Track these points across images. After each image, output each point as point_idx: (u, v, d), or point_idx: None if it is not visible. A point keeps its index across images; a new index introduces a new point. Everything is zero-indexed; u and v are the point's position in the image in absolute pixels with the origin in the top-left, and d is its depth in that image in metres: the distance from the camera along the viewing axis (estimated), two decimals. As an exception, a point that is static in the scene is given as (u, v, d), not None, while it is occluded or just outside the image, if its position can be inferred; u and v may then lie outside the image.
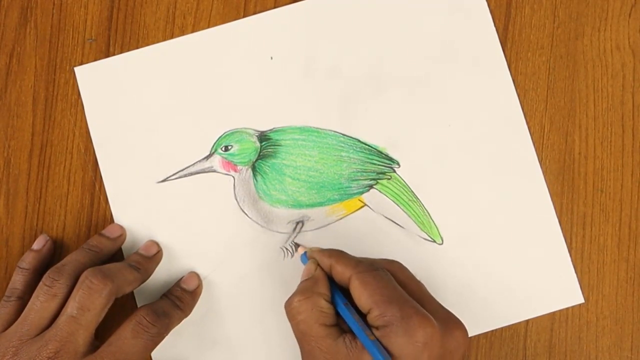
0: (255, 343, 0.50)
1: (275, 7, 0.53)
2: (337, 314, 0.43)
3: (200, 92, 0.52)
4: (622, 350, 0.51)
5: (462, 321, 0.43)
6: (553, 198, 0.51)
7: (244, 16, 0.53)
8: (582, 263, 0.51)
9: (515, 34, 0.53)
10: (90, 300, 0.44)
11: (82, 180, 0.52)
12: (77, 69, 0.53)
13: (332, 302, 0.43)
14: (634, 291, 0.51)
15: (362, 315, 0.42)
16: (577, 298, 0.51)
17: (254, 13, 0.53)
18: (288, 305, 0.43)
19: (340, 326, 0.43)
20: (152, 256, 0.50)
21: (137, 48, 0.53)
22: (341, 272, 0.43)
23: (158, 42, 0.53)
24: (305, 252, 0.47)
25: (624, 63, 0.53)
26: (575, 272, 0.51)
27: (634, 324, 0.51)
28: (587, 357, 0.51)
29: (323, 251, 0.45)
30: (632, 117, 0.52)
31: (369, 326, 0.42)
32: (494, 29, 0.53)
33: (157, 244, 0.51)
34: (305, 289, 0.43)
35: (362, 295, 0.42)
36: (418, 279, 0.45)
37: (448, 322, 0.42)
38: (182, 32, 0.53)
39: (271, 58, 0.53)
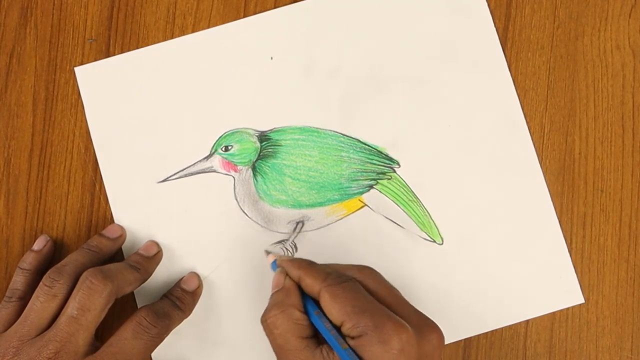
0: (255, 343, 0.50)
1: (275, 7, 0.53)
2: (313, 325, 0.43)
3: (200, 92, 0.52)
4: (622, 351, 0.51)
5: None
6: (553, 198, 0.51)
7: (244, 16, 0.53)
8: (582, 263, 0.51)
9: (516, 34, 0.53)
10: (90, 300, 0.44)
11: (82, 180, 0.52)
12: (77, 69, 0.53)
13: (305, 311, 0.43)
14: (634, 291, 0.51)
15: (337, 327, 0.42)
16: (577, 298, 0.51)
17: (254, 13, 0.53)
18: (264, 321, 0.43)
19: (317, 337, 0.42)
20: (152, 256, 0.50)
21: (137, 48, 0.53)
22: (310, 285, 0.43)
23: (158, 42, 0.53)
24: (275, 260, 0.46)
25: (624, 63, 0.53)
26: (576, 272, 0.51)
27: (634, 324, 0.51)
28: (587, 357, 0.51)
29: (292, 261, 0.45)
30: (632, 117, 0.52)
31: (343, 336, 0.41)
32: (494, 29, 0.53)
33: (157, 244, 0.51)
34: (278, 303, 0.43)
35: (333, 308, 0.41)
36: (391, 283, 0.44)
37: (423, 326, 0.41)
38: (182, 32, 0.53)
39: (271, 58, 0.53)
